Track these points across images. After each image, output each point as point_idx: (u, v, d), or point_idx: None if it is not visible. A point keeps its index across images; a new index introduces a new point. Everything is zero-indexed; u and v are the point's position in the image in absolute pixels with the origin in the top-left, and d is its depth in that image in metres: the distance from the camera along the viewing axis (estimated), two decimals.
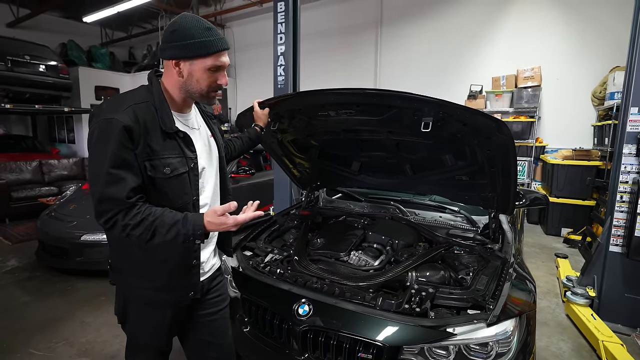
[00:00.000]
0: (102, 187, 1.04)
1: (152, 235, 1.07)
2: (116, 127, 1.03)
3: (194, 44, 1.10)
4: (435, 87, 7.11)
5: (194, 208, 1.22)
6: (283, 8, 3.86)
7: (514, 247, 1.97)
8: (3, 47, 6.52)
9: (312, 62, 8.18)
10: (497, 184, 1.80)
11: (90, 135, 1.08)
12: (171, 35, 1.11)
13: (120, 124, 1.03)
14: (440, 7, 6.96)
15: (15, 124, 9.14)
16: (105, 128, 1.05)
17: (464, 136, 1.67)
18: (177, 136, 1.17)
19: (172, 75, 1.16)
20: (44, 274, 3.60)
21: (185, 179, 1.19)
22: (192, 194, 1.21)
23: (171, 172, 1.14)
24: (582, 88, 5.80)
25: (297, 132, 2.19)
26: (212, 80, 1.16)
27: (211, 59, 1.13)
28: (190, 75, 1.14)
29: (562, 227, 5.07)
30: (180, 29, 1.10)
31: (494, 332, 1.37)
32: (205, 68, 1.13)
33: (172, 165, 1.15)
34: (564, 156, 5.11)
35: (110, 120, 1.04)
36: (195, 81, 1.15)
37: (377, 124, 1.82)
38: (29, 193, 5.60)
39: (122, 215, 1.05)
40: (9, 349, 2.39)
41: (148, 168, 1.10)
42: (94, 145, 1.07)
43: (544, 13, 6.01)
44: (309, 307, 1.53)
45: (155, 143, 1.12)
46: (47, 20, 9.69)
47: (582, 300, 2.74)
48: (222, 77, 1.18)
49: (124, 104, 1.09)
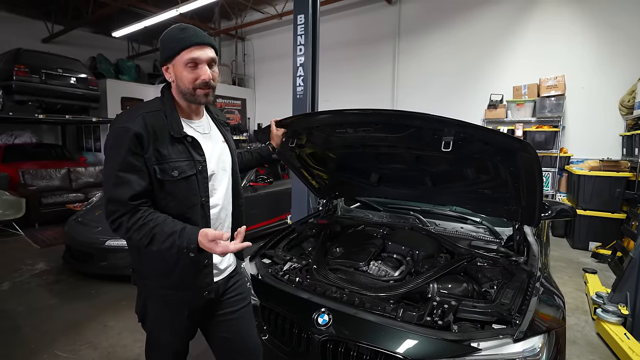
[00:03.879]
0: (110, 188, 1.13)
1: (150, 241, 1.13)
2: (127, 135, 1.12)
3: (169, 45, 1.20)
4: (455, 97, 7.04)
5: (203, 209, 1.27)
6: (303, 20, 3.94)
7: (540, 260, 1.89)
8: (38, 61, 6.90)
9: (330, 73, 8.27)
10: (522, 198, 1.75)
11: (106, 142, 1.18)
12: (160, 47, 1.23)
13: (131, 131, 1.12)
14: (459, 16, 6.94)
15: (46, 133, 9.61)
16: (118, 135, 1.14)
17: (487, 153, 1.64)
18: (185, 141, 1.24)
19: (170, 83, 1.26)
20: (69, 277, 3.72)
21: (194, 182, 1.24)
22: (201, 195, 1.26)
23: (179, 174, 1.20)
24: (609, 97, 5.61)
25: (315, 146, 2.20)
26: (194, 76, 1.20)
27: (185, 54, 1.18)
28: (176, 77, 1.22)
29: (590, 240, 4.86)
30: (162, 38, 1.22)
31: (521, 348, 1.32)
32: (183, 65, 1.19)
33: (180, 168, 1.21)
34: (591, 167, 4.93)
35: (122, 128, 1.14)
36: (181, 81, 1.21)
37: (396, 140, 1.82)
38: (58, 199, 5.84)
39: (127, 218, 1.12)
40: (36, 349, 2.47)
41: (157, 171, 1.17)
42: (108, 151, 1.17)
43: (567, 20, 5.89)
44: (328, 317, 1.52)
45: (164, 148, 1.19)
46: (78, 35, 10.23)
47: (614, 319, 2.60)
48: (202, 72, 1.20)
49: (136, 113, 1.18)
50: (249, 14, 9.62)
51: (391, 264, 1.97)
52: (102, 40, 10.87)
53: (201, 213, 1.26)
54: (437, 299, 1.55)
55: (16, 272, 3.82)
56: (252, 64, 10.35)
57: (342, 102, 8.48)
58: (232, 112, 9.94)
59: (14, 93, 6.54)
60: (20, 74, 6.54)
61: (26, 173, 6.03)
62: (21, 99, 6.70)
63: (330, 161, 2.38)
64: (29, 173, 6.06)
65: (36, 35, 9.70)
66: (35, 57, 6.98)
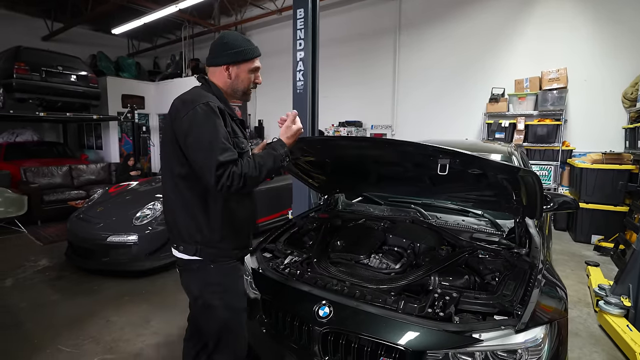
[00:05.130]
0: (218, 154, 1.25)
1: (260, 169, 1.32)
2: (215, 110, 1.31)
3: (241, 51, 1.43)
4: (456, 91, 7.00)
5: None
6: (302, 15, 3.91)
7: (543, 252, 1.88)
8: (38, 59, 6.90)
9: (331, 68, 8.23)
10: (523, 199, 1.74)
11: (192, 117, 1.29)
12: (223, 46, 1.42)
13: (216, 107, 1.33)
14: (460, 10, 6.88)
15: (47, 131, 9.63)
16: (207, 111, 1.30)
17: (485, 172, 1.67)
18: (239, 122, 1.48)
19: (222, 78, 1.46)
20: (72, 273, 3.74)
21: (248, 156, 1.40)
22: None
23: (243, 149, 1.41)
24: (611, 89, 5.57)
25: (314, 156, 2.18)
26: (252, 80, 1.49)
27: (252, 63, 1.46)
28: (237, 76, 1.46)
29: (592, 234, 4.84)
30: (230, 41, 1.43)
31: (523, 339, 1.31)
32: (248, 70, 1.46)
33: (244, 144, 1.44)
34: (593, 160, 4.90)
35: (207, 105, 1.31)
36: (240, 81, 1.47)
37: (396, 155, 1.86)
38: (60, 196, 5.85)
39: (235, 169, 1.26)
40: (39, 344, 2.48)
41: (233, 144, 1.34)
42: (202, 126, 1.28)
43: (569, 13, 5.83)
44: (329, 309, 1.52)
45: (229, 125, 1.38)
46: (78, 33, 10.22)
47: (617, 310, 2.59)
48: (258, 77, 1.51)
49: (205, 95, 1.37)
50: (248, 10, 9.58)
51: (392, 256, 1.96)
52: (102, 37, 10.86)
53: None
54: (438, 291, 1.54)
55: (19, 269, 3.84)
56: None
57: (344, 97, 8.46)
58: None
59: (14, 91, 6.55)
60: (20, 72, 6.54)
61: (28, 171, 6.04)
62: (22, 97, 6.71)
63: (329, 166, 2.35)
64: (30, 171, 6.07)
65: (36, 33, 9.70)
66: (35, 55, 6.98)
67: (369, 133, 8.30)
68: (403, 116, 7.78)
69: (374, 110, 8.12)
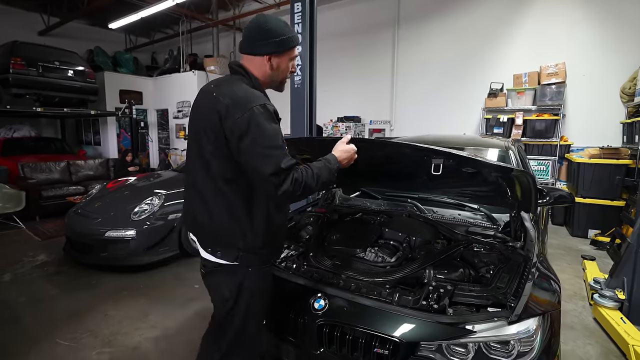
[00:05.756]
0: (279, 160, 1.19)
1: (317, 180, 1.26)
2: (272, 112, 1.24)
3: (287, 39, 1.29)
4: (455, 85, 6.99)
5: None
6: (300, 8, 3.89)
7: (537, 246, 1.89)
8: (35, 54, 6.86)
9: (330, 62, 8.20)
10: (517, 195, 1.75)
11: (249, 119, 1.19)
12: (266, 33, 1.27)
13: (273, 109, 1.25)
14: (459, 4, 6.84)
15: (45, 126, 9.59)
16: (265, 112, 1.22)
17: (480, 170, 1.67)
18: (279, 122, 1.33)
19: (262, 68, 1.32)
20: (70, 268, 3.75)
21: None
22: None
23: None
24: (610, 84, 5.56)
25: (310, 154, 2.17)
26: (290, 69, 1.38)
27: (294, 51, 1.34)
28: (278, 67, 1.33)
29: (589, 228, 4.87)
30: (273, 27, 1.27)
31: (515, 330, 1.33)
32: (289, 58, 1.34)
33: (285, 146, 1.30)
34: (591, 155, 4.91)
35: (266, 106, 1.23)
36: (281, 71, 1.35)
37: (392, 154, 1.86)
38: (58, 192, 5.85)
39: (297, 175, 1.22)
40: (37, 338, 2.50)
41: None
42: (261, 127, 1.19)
43: (568, 8, 5.80)
44: (324, 302, 1.53)
45: None
46: (75, 28, 10.14)
47: (611, 303, 2.62)
48: (294, 65, 1.40)
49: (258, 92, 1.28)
50: (246, 4, 9.51)
51: (388, 250, 1.97)
52: (99, 32, 10.78)
53: None
54: (433, 283, 1.55)
55: (17, 264, 3.84)
56: None
57: (342, 92, 8.43)
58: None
59: (11, 86, 6.52)
60: (17, 67, 6.51)
61: (26, 166, 6.03)
62: (18, 92, 6.69)
63: None
64: (28, 166, 6.06)
65: (32, 28, 9.62)
66: (31, 50, 6.94)
67: (367, 128, 8.29)
68: (402, 111, 7.77)
69: (373, 105, 8.10)
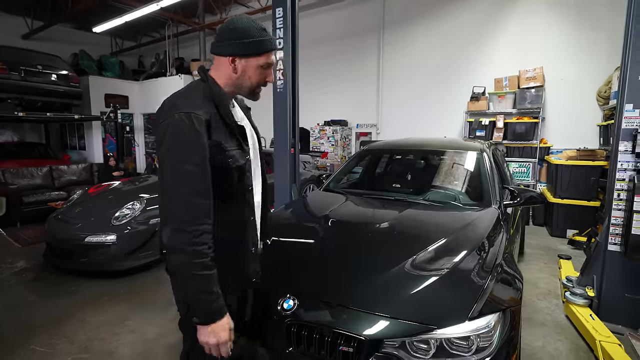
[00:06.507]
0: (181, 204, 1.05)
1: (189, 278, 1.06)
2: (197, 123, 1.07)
3: (252, 42, 1.17)
4: (439, 89, 7.12)
5: (250, 195, 1.27)
6: (281, 13, 3.94)
7: (504, 244, 1.96)
8: (17, 58, 6.78)
9: (316, 66, 8.27)
10: None
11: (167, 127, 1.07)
12: (231, 33, 1.16)
13: (204, 118, 1.09)
14: (442, 8, 6.99)
15: (29, 131, 9.45)
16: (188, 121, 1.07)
17: None
18: (235, 129, 1.21)
19: (226, 71, 1.20)
20: (50, 275, 3.70)
21: (244, 170, 1.23)
22: (248, 184, 1.26)
23: (233, 163, 1.18)
24: (587, 88, 5.74)
25: None
26: (262, 77, 1.24)
27: (264, 57, 1.20)
28: (244, 71, 1.20)
29: (568, 228, 4.99)
30: (240, 28, 1.16)
31: (475, 326, 1.38)
32: (258, 65, 1.20)
33: (234, 157, 1.18)
34: (568, 156, 5.05)
35: (190, 116, 1.07)
36: (248, 77, 1.21)
37: None
38: (39, 197, 5.76)
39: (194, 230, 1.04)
40: (13, 345, 2.47)
41: (216, 160, 1.14)
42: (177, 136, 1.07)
43: (546, 14, 5.98)
44: (293, 302, 1.56)
45: (220, 136, 1.16)
46: (59, 31, 10.04)
47: (581, 301, 2.70)
48: (269, 74, 1.25)
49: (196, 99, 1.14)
50: (233, 8, 9.55)
51: None
52: (84, 36, 10.69)
53: (248, 201, 1.26)
54: None
55: None
56: None
57: (329, 96, 8.49)
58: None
59: None
60: None
61: (7, 172, 5.93)
62: (0, 97, 6.58)
63: None
64: (9, 172, 5.96)
65: (16, 32, 9.49)
66: (13, 54, 6.86)
67: (354, 132, 8.37)
68: (388, 114, 7.87)
69: (359, 109, 8.19)
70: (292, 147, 4.07)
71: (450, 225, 2.14)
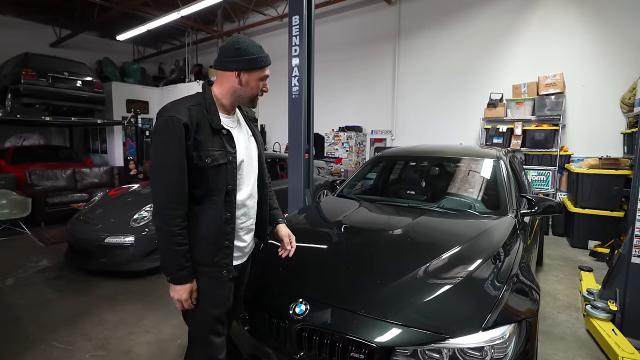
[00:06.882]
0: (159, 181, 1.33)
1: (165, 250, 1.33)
2: (176, 126, 1.30)
3: (255, 58, 1.40)
4: (454, 96, 7.05)
5: (229, 195, 1.43)
6: (298, 21, 4.01)
7: (521, 254, 1.92)
8: (45, 65, 7.09)
9: (332, 73, 8.33)
10: None
11: (155, 127, 1.35)
12: (236, 52, 1.38)
13: (183, 122, 1.31)
14: (458, 15, 6.95)
15: (54, 135, 9.84)
16: (168, 125, 1.31)
17: None
18: (221, 133, 1.42)
19: (230, 83, 1.43)
20: (70, 274, 3.83)
21: (224, 169, 1.41)
22: (228, 183, 1.43)
23: (212, 162, 1.37)
24: (610, 95, 5.58)
25: None
26: (261, 87, 1.48)
27: (263, 71, 1.45)
28: (247, 83, 1.43)
29: (589, 239, 4.82)
30: (243, 47, 1.39)
31: (489, 336, 1.35)
32: (258, 77, 1.44)
33: (214, 156, 1.38)
34: (590, 165, 4.90)
35: (172, 119, 1.31)
36: (250, 88, 1.45)
37: None
38: (63, 199, 5.98)
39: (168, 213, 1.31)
40: (35, 340, 2.56)
41: (195, 157, 1.35)
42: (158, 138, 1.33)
43: (567, 19, 5.87)
44: (305, 307, 1.57)
45: (203, 138, 1.37)
46: (85, 39, 10.48)
47: (603, 315, 2.60)
48: (265, 85, 1.50)
49: (183, 105, 1.36)
50: (250, 16, 9.75)
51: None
52: (108, 43, 11.11)
53: (226, 199, 1.42)
54: None
55: (20, 269, 3.94)
56: None
57: (344, 102, 8.53)
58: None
59: (22, 96, 6.74)
60: (28, 78, 6.73)
61: (33, 174, 6.19)
62: (29, 102, 6.90)
63: None
64: (35, 174, 6.22)
65: (44, 40, 9.96)
66: (42, 61, 7.18)
67: (368, 138, 8.36)
68: (403, 121, 7.83)
69: (374, 115, 8.19)
70: (306, 153, 4.10)
71: (465, 233, 2.11)
